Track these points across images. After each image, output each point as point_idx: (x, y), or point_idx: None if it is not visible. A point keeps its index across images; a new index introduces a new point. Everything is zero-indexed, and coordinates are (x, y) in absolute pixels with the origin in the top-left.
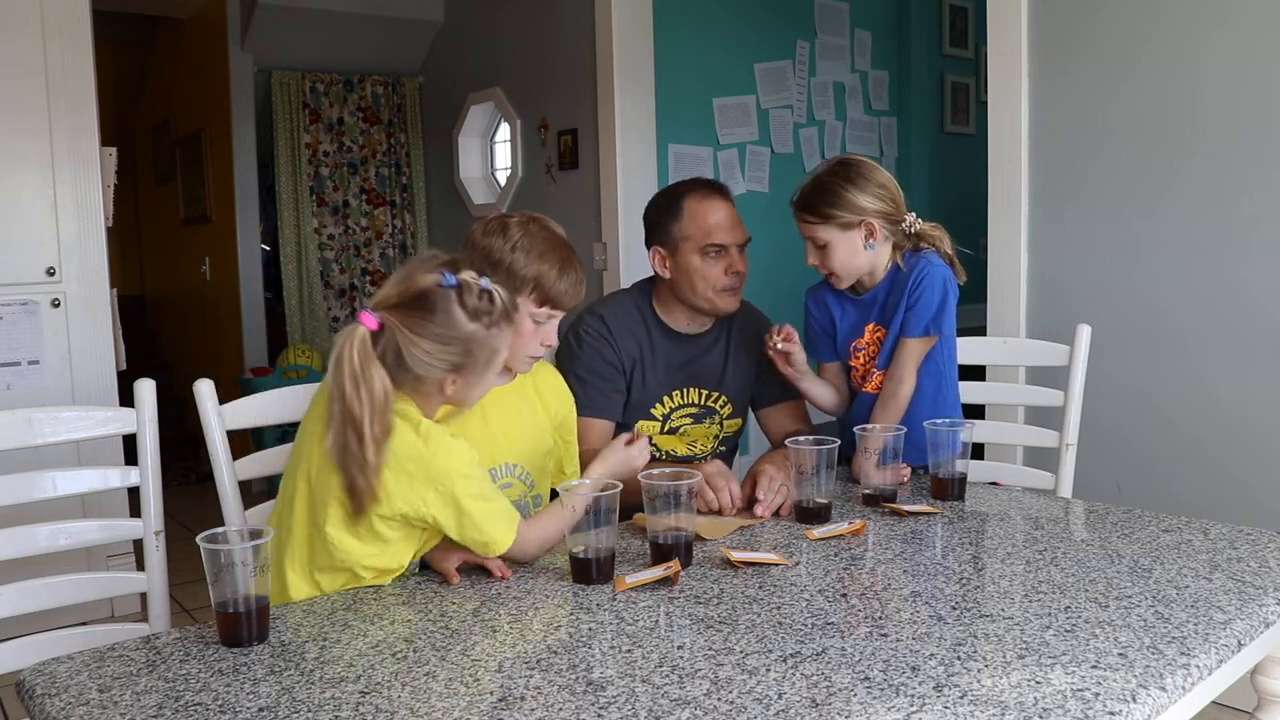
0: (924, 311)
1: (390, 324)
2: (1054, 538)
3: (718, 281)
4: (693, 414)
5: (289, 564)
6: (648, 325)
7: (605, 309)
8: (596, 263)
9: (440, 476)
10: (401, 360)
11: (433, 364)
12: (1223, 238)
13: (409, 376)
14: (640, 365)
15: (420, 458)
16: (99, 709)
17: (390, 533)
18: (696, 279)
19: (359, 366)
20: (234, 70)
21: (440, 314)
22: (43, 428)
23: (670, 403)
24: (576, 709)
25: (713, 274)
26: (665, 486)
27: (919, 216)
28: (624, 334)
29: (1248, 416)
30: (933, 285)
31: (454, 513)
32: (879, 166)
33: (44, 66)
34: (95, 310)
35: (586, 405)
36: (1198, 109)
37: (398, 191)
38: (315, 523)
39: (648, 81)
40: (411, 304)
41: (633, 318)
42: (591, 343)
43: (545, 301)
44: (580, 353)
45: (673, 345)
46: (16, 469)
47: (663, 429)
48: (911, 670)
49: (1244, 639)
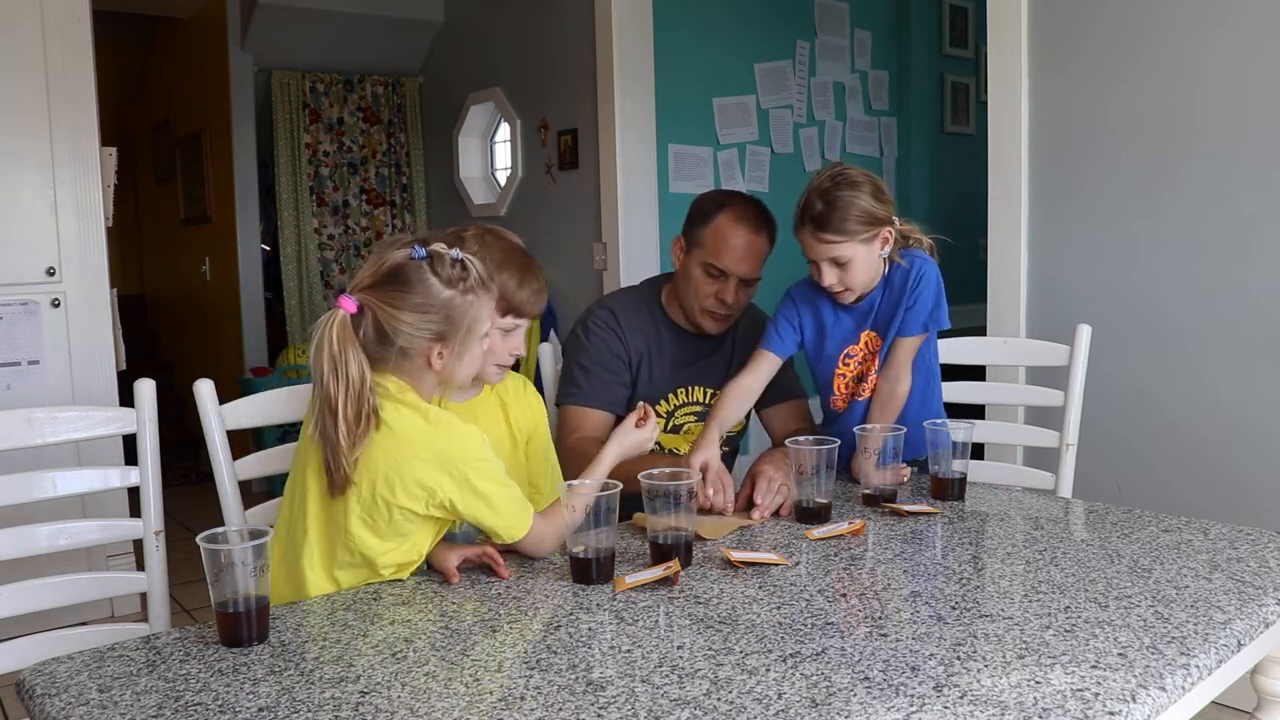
0: (922, 310)
1: (369, 303)
2: (1054, 538)
3: (705, 300)
4: (697, 412)
5: (307, 564)
6: (656, 321)
7: (615, 302)
8: (596, 263)
9: (453, 461)
10: (385, 337)
11: (416, 334)
12: (1223, 237)
13: (393, 352)
14: (647, 360)
15: (431, 444)
16: (99, 709)
17: (409, 525)
18: (690, 287)
19: (337, 349)
20: (234, 70)
21: (416, 284)
22: (43, 428)
23: (675, 400)
24: (576, 709)
25: (703, 291)
26: (665, 486)
27: (911, 218)
28: (632, 328)
29: (1248, 416)
30: (929, 283)
31: (471, 497)
32: (868, 170)
33: (44, 66)
34: (95, 310)
35: (589, 395)
36: (1198, 109)
37: (398, 191)
38: (334, 520)
39: (648, 81)
40: (386, 281)
41: (642, 313)
42: (599, 333)
43: (508, 311)
44: (587, 343)
45: (680, 343)
46: (16, 469)
47: (666, 426)
48: (911, 670)
49: (1244, 639)
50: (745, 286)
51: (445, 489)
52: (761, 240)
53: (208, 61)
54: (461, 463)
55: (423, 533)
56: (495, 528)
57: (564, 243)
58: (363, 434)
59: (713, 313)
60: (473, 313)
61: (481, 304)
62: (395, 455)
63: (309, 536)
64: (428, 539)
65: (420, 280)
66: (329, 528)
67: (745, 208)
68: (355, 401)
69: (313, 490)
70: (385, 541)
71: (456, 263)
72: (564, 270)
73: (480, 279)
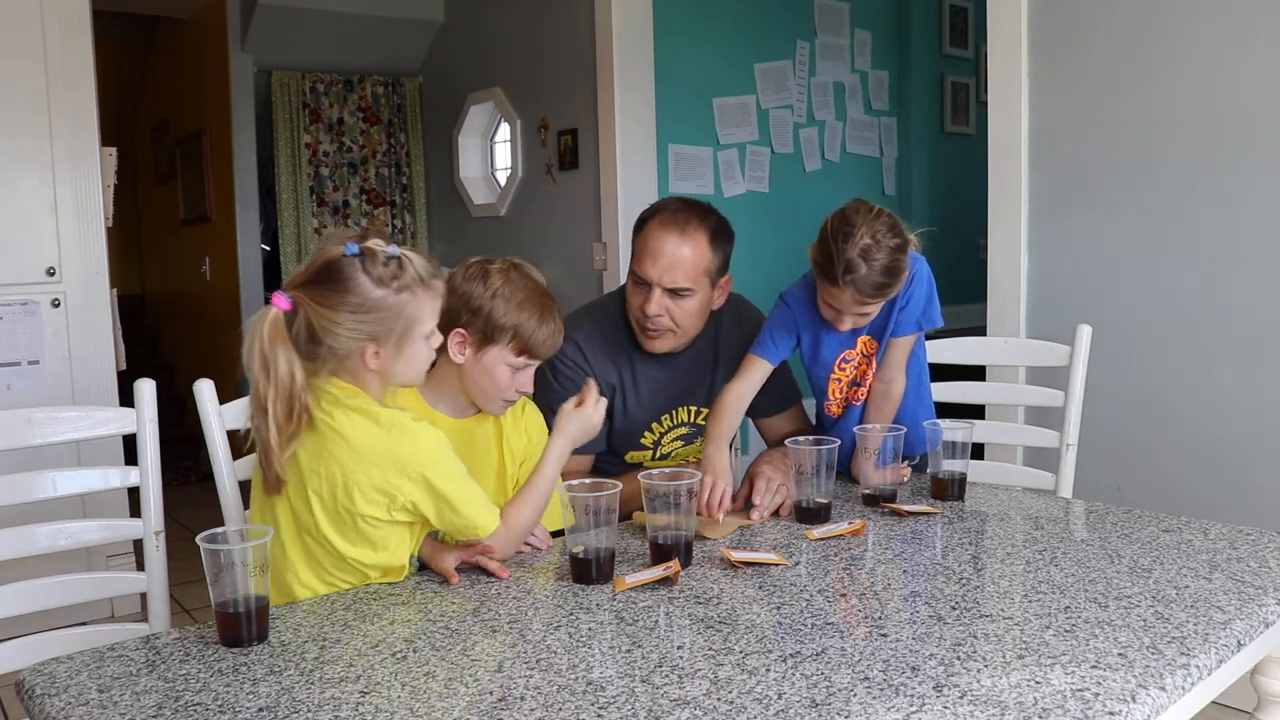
0: (914, 309)
1: (300, 301)
2: (1054, 538)
3: (635, 312)
4: (684, 435)
5: (293, 580)
6: (625, 345)
7: (579, 332)
8: (596, 263)
9: (409, 463)
10: (315, 336)
11: (344, 334)
12: (1223, 238)
13: (325, 351)
14: (621, 392)
15: (385, 448)
16: (99, 709)
17: (378, 531)
18: (628, 301)
19: (267, 347)
20: (234, 70)
21: (346, 282)
22: (43, 428)
23: (659, 429)
24: (576, 709)
25: (633, 303)
26: (665, 486)
27: (908, 218)
28: (601, 360)
29: (1248, 416)
30: (919, 283)
31: (431, 498)
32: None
33: (44, 66)
34: (95, 310)
35: None
36: (1198, 108)
37: (398, 191)
38: (307, 530)
39: (648, 81)
40: (318, 278)
41: (609, 338)
42: (569, 375)
43: (523, 351)
44: (557, 386)
45: (654, 365)
46: (17, 469)
47: (654, 456)
48: (911, 670)
49: (1244, 639)
50: (674, 298)
51: (405, 492)
52: (690, 247)
53: (208, 61)
54: (418, 464)
55: (398, 537)
56: (458, 527)
57: (564, 243)
58: (294, 434)
59: (642, 327)
60: (409, 311)
61: (420, 302)
62: (351, 464)
63: (288, 554)
64: (406, 543)
65: (351, 279)
66: (305, 539)
67: (677, 213)
68: (285, 401)
69: (282, 510)
70: (355, 547)
71: (392, 260)
72: (564, 270)
73: (418, 277)
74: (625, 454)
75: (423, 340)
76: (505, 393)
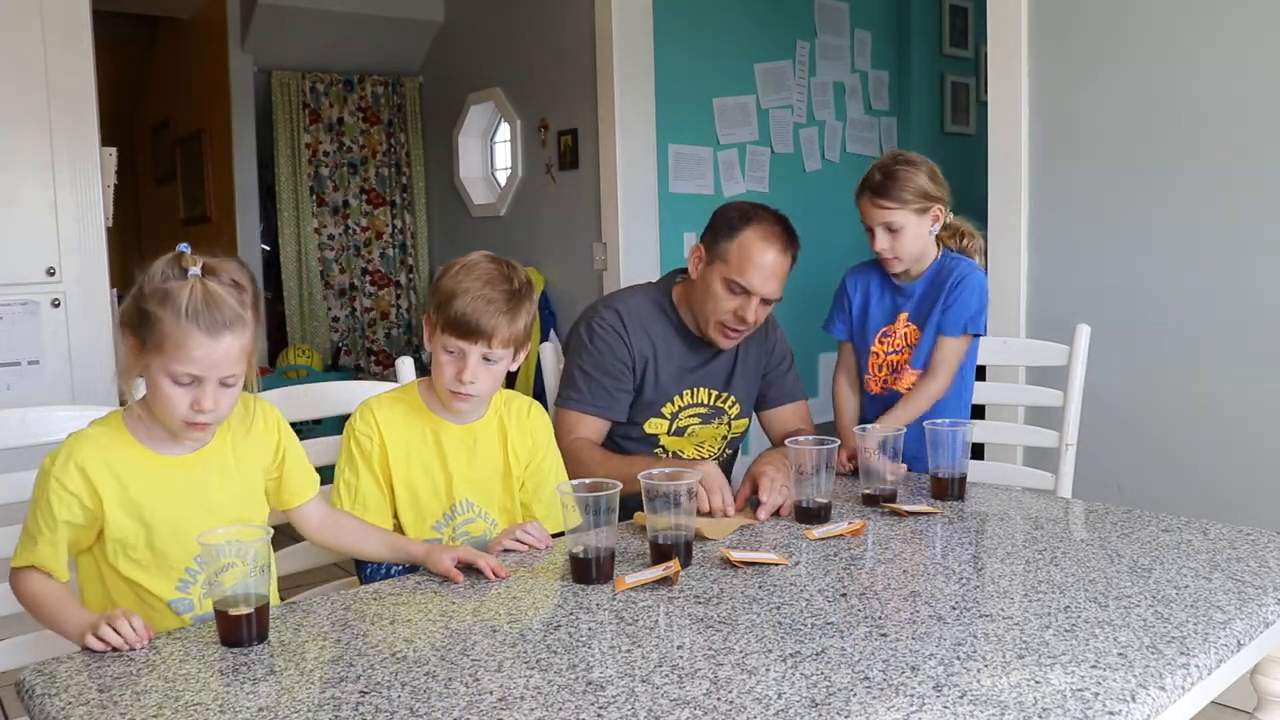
0: (962, 310)
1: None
2: (1054, 538)
3: (722, 315)
4: (701, 414)
5: None
6: (666, 322)
7: (621, 303)
8: (596, 263)
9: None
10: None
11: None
12: (1222, 237)
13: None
14: (653, 363)
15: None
16: (99, 709)
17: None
18: (708, 300)
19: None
20: (234, 70)
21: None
22: (37, 427)
23: (680, 401)
24: (576, 709)
25: (723, 307)
26: (665, 486)
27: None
28: (638, 330)
29: (1248, 416)
30: (970, 288)
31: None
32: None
33: (44, 67)
34: (95, 310)
35: (589, 402)
36: (1198, 108)
37: (398, 192)
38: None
39: (648, 81)
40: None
41: (649, 313)
42: (604, 337)
43: (449, 325)
44: (591, 347)
45: (686, 345)
46: (17, 469)
47: (670, 429)
48: (911, 670)
49: (1244, 639)
50: (765, 305)
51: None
52: (787, 260)
53: (208, 61)
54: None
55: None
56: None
57: (564, 243)
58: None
59: (728, 328)
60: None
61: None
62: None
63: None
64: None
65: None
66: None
67: (773, 225)
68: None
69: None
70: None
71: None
72: (564, 270)
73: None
74: (645, 422)
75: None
76: (449, 383)
